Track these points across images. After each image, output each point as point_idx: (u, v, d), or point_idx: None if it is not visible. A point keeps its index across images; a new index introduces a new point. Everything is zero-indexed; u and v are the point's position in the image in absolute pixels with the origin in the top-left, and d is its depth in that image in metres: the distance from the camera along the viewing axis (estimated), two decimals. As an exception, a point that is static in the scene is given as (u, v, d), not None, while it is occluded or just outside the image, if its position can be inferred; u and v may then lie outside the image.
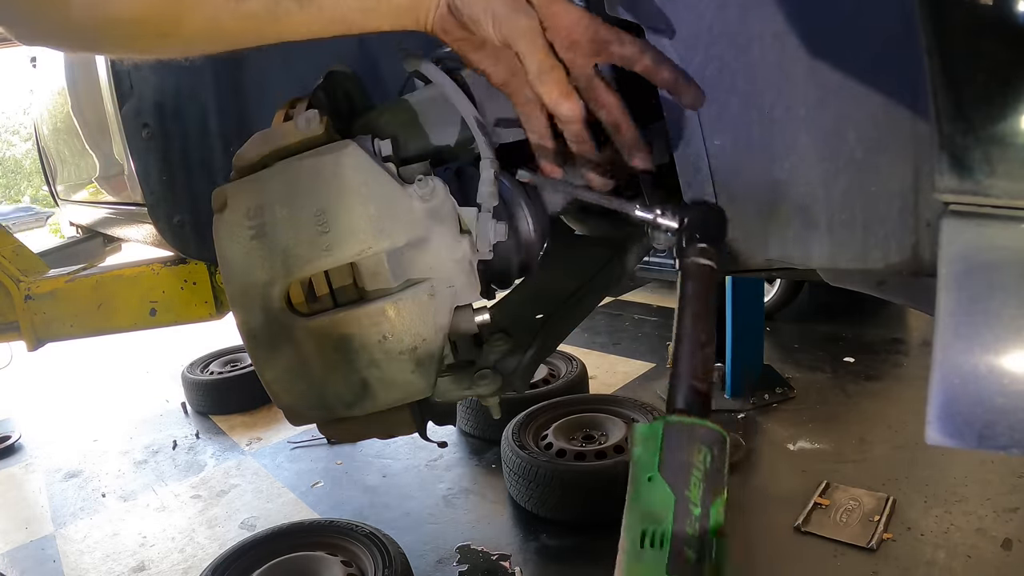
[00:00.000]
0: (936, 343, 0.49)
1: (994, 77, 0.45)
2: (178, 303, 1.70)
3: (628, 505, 0.57)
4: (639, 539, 0.54)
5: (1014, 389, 0.47)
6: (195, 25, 0.63)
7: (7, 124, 30.18)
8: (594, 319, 4.86)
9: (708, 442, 0.55)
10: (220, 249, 0.71)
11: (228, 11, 0.62)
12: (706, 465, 0.54)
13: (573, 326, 1.02)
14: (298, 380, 0.73)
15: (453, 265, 0.70)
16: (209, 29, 0.63)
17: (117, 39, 0.65)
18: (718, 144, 0.74)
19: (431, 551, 2.44)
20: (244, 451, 3.43)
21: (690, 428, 0.56)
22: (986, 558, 2.08)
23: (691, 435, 0.55)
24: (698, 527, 0.53)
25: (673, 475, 0.54)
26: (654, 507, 0.54)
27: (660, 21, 0.71)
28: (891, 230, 0.67)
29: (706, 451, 0.55)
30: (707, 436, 0.55)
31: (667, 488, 0.54)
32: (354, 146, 0.68)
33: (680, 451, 0.55)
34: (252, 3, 0.62)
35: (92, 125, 1.94)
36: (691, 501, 0.53)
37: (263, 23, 0.63)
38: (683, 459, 0.54)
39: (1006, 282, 0.47)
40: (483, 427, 3.22)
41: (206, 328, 1.97)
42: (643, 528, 0.54)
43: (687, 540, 0.52)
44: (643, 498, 0.55)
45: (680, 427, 0.56)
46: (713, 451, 0.55)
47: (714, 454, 0.55)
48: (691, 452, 0.55)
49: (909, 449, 2.70)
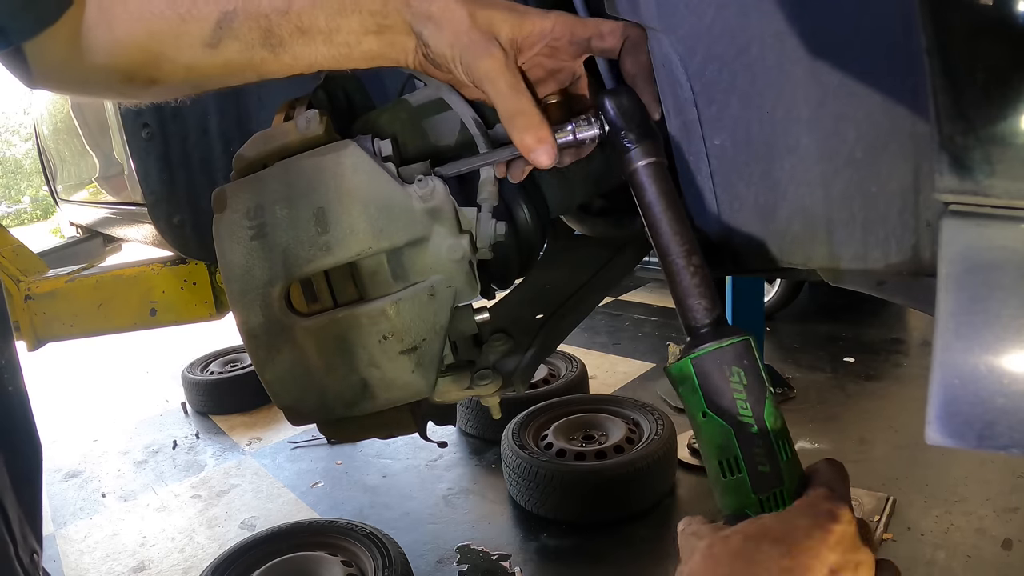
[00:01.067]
0: (936, 343, 0.49)
1: (994, 77, 0.45)
2: (178, 303, 1.70)
3: (698, 442, 0.61)
4: (719, 471, 0.58)
5: (1014, 389, 0.47)
6: (176, 74, 0.65)
7: (7, 124, 30.20)
8: (594, 319, 4.86)
9: (736, 359, 0.58)
10: (220, 249, 0.71)
11: (204, 60, 0.63)
12: (743, 382, 0.57)
13: (573, 326, 1.02)
14: (298, 380, 0.73)
15: (453, 265, 0.69)
16: (189, 76, 0.65)
17: (107, 86, 0.67)
18: (718, 144, 0.74)
19: (431, 551, 2.44)
20: (244, 451, 3.43)
21: (715, 355, 0.58)
22: (986, 558, 2.08)
23: (719, 362, 0.58)
24: (761, 443, 0.57)
25: (720, 406, 0.57)
26: (719, 440, 0.58)
27: (660, 21, 0.71)
28: (891, 230, 0.67)
29: (738, 370, 0.57)
30: (733, 355, 0.58)
31: (720, 420, 0.57)
32: (354, 146, 0.68)
33: (716, 381, 0.58)
34: (226, 52, 0.63)
35: (92, 125, 1.94)
36: (746, 423, 0.57)
37: (240, 68, 0.65)
38: (722, 388, 0.57)
39: (1006, 282, 0.47)
40: (483, 427, 3.23)
41: (206, 328, 1.97)
42: (718, 460, 0.58)
43: (758, 457, 0.57)
44: (706, 435, 0.59)
45: (706, 358, 0.58)
46: (744, 364, 0.57)
47: (746, 366, 0.57)
48: (726, 379, 0.57)
49: (909, 449, 2.70)
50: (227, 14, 0.62)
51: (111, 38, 0.62)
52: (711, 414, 0.58)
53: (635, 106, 0.66)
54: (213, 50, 0.63)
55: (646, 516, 2.41)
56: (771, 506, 0.57)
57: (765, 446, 0.57)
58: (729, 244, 0.79)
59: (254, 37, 0.63)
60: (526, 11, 0.63)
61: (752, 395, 0.57)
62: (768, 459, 0.57)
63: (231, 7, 0.61)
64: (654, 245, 0.65)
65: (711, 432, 0.58)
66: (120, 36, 0.62)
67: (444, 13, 0.61)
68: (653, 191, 0.63)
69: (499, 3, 0.63)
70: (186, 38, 0.62)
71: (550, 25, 0.64)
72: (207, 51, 0.63)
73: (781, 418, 0.58)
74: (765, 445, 0.57)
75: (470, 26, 0.61)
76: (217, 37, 0.62)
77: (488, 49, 0.61)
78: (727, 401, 0.57)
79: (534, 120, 0.62)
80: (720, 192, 0.77)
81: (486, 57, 0.61)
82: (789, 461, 0.58)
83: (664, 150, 0.66)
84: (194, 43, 0.62)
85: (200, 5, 0.61)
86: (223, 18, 0.61)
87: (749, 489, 0.57)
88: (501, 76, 0.62)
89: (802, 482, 0.59)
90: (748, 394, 0.57)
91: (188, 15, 0.61)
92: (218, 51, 0.63)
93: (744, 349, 0.58)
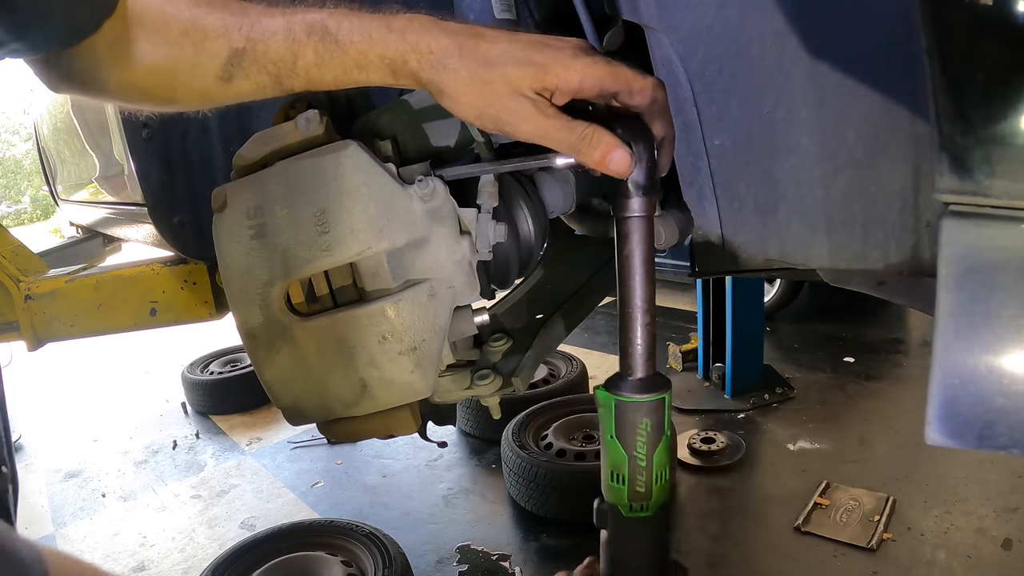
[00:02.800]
0: (936, 343, 0.49)
1: (994, 77, 0.45)
2: (178, 303, 1.70)
3: (602, 448, 0.77)
4: (610, 477, 0.76)
5: (1014, 389, 0.47)
6: (190, 98, 0.67)
7: (7, 124, 30.18)
8: (594, 319, 4.86)
9: (649, 413, 0.73)
10: (220, 249, 0.71)
11: (218, 91, 0.65)
12: (648, 430, 0.73)
13: (573, 326, 1.02)
14: (297, 380, 0.73)
15: (453, 266, 0.69)
16: (205, 102, 0.68)
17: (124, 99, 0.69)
18: (718, 144, 0.74)
19: (431, 551, 2.44)
20: (244, 451, 3.43)
21: (635, 406, 0.72)
22: (986, 558, 2.08)
23: (635, 412, 0.72)
24: (644, 472, 0.74)
25: (624, 439, 0.73)
26: (616, 459, 0.75)
27: (660, 21, 0.71)
28: (891, 230, 0.67)
29: (646, 421, 0.73)
30: (647, 410, 0.73)
31: (620, 448, 0.74)
32: (354, 146, 0.68)
33: (628, 423, 0.73)
34: (239, 87, 0.64)
35: (92, 125, 1.94)
36: (638, 457, 0.74)
37: (250, 97, 0.66)
38: (630, 430, 0.73)
39: (1006, 282, 0.47)
40: (483, 427, 3.22)
41: (206, 328, 1.97)
42: (611, 470, 0.76)
43: (638, 482, 0.74)
44: (608, 450, 0.75)
45: (628, 405, 0.73)
46: (653, 417, 0.73)
47: (654, 419, 0.73)
48: (635, 425, 0.73)
49: (909, 449, 2.69)
50: (237, 52, 0.63)
51: (130, 56, 0.63)
52: (615, 440, 0.74)
53: (649, 157, 0.66)
54: (226, 84, 0.64)
55: (646, 516, 2.40)
56: (635, 511, 0.75)
57: (646, 475, 0.74)
58: (729, 244, 0.79)
59: (265, 80, 0.64)
60: (544, 63, 0.60)
61: (651, 440, 0.73)
62: (645, 484, 0.74)
63: (240, 46, 0.62)
64: (618, 292, 0.71)
65: (612, 452, 0.74)
66: (139, 56, 0.63)
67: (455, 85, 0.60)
68: (636, 244, 0.68)
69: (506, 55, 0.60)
70: (200, 68, 0.63)
71: (577, 80, 0.60)
72: (220, 83, 0.64)
73: (667, 453, 0.75)
74: (646, 474, 0.74)
75: (489, 97, 0.60)
76: (229, 73, 0.63)
77: (520, 111, 0.60)
78: (630, 439, 0.73)
79: (594, 137, 0.61)
80: (720, 192, 0.77)
81: (523, 122, 0.60)
82: (661, 486, 0.75)
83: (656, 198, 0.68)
84: (207, 74, 0.64)
85: (211, 39, 0.62)
86: (233, 55, 0.63)
87: (625, 496, 0.75)
88: (548, 129, 0.61)
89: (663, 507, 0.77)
90: (648, 439, 0.73)
91: (201, 47, 0.62)
92: (231, 85, 0.64)
93: (658, 406, 0.73)
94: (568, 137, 0.61)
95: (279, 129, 0.71)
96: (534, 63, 0.60)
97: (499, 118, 0.61)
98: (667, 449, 0.75)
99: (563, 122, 0.61)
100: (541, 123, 0.61)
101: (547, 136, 0.61)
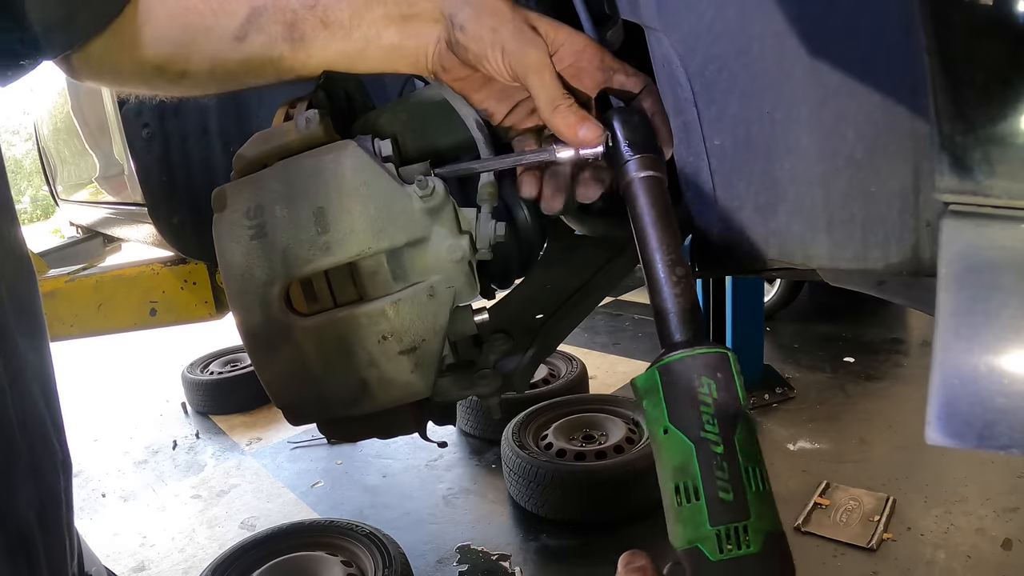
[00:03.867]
0: (936, 343, 0.49)
1: (994, 77, 0.45)
2: (178, 303, 1.70)
3: (657, 464, 0.52)
4: (675, 496, 0.50)
5: (1014, 389, 0.47)
6: (203, 67, 0.68)
7: (7, 124, 30.20)
8: (594, 319, 4.86)
9: (708, 370, 0.51)
10: (219, 249, 0.71)
11: (229, 53, 0.66)
12: (713, 396, 0.50)
13: (573, 326, 1.02)
14: (297, 380, 0.73)
15: (453, 265, 0.69)
16: (214, 70, 0.68)
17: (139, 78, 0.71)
18: (718, 144, 0.74)
19: (431, 551, 2.44)
20: (244, 451, 3.43)
21: (684, 363, 0.51)
22: (986, 558, 2.08)
23: (688, 371, 0.51)
24: (726, 465, 0.48)
25: (684, 420, 0.50)
26: (678, 460, 0.49)
27: (660, 21, 0.71)
28: (891, 230, 0.66)
29: (708, 381, 0.50)
30: (704, 364, 0.51)
31: (682, 436, 0.49)
32: (354, 146, 0.68)
33: (682, 393, 0.50)
34: (250, 46, 0.66)
35: (92, 125, 1.94)
36: (710, 441, 0.49)
37: (260, 64, 0.68)
38: (688, 399, 0.50)
39: (1006, 282, 0.47)
40: (483, 427, 3.23)
41: (206, 328, 1.97)
42: (675, 484, 0.50)
43: (720, 483, 0.48)
44: (665, 453, 0.51)
45: (674, 367, 0.51)
46: (716, 377, 0.50)
47: (719, 379, 0.50)
48: (693, 389, 0.50)
49: (909, 449, 2.70)
50: (256, 9, 0.64)
51: (149, 32, 0.65)
52: (673, 429, 0.50)
53: (644, 125, 0.65)
54: (239, 43, 0.65)
55: (646, 516, 2.41)
56: (730, 546, 0.47)
57: (731, 471, 0.48)
58: (729, 244, 0.79)
59: (277, 31, 0.65)
60: (558, 22, 0.64)
61: (722, 412, 0.49)
62: (732, 486, 0.48)
63: (261, 3, 0.64)
64: (640, 258, 0.60)
65: (671, 451, 0.50)
66: (157, 30, 0.65)
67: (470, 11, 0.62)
68: (645, 202, 0.61)
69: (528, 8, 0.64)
70: (216, 31, 0.65)
71: (582, 44, 0.64)
72: (233, 44, 0.66)
73: (757, 448, 0.50)
74: (731, 470, 0.48)
75: (512, 15, 0.61)
76: (244, 31, 0.65)
77: (534, 39, 0.62)
78: (692, 414, 0.50)
79: (576, 106, 0.63)
80: (720, 192, 0.77)
81: (533, 47, 0.61)
82: (760, 495, 0.48)
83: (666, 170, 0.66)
84: (223, 36, 0.65)
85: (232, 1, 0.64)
86: (252, 13, 0.64)
87: (706, 519, 0.47)
88: (547, 68, 0.62)
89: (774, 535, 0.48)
90: (717, 410, 0.49)
91: (220, 9, 0.64)
92: (243, 44, 0.66)
93: (719, 361, 0.51)
94: (557, 90, 0.62)
95: (279, 129, 0.71)
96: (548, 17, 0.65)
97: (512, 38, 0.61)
98: (753, 436, 0.50)
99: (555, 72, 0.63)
100: (544, 59, 0.62)
101: (540, 72, 0.62)
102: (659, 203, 0.61)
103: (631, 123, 0.65)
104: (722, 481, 0.48)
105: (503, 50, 0.61)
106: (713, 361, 0.51)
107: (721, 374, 0.51)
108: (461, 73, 0.67)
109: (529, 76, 0.62)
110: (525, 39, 0.61)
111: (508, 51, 0.61)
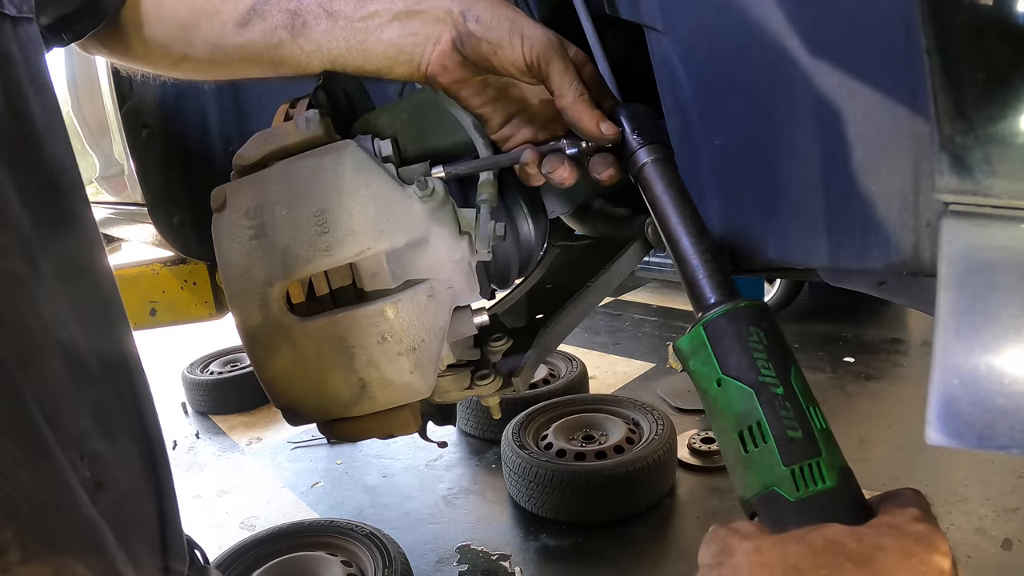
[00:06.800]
0: (936, 343, 0.49)
1: (994, 77, 0.45)
2: (178, 303, 1.70)
3: (713, 422, 0.53)
4: (740, 444, 0.50)
5: (1014, 389, 0.47)
6: (203, 50, 0.69)
7: (7, 124, 30.13)
8: (594, 319, 4.86)
9: (754, 319, 0.52)
10: (219, 249, 0.71)
11: (230, 39, 0.68)
12: (764, 343, 0.51)
13: (573, 326, 1.02)
14: (296, 380, 0.73)
15: (452, 266, 0.69)
16: (214, 54, 0.69)
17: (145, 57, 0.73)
18: (718, 144, 0.74)
19: (431, 551, 2.44)
20: (244, 451, 3.43)
21: (729, 316, 0.52)
22: (986, 558, 2.08)
23: (735, 322, 0.52)
24: (789, 405, 0.49)
25: (739, 368, 0.51)
26: (738, 408, 0.50)
27: (661, 21, 0.71)
28: (891, 230, 0.66)
29: (756, 330, 0.51)
30: (750, 315, 0.52)
31: (739, 384, 0.50)
32: (354, 146, 0.68)
33: (732, 343, 0.51)
34: (251, 32, 0.67)
35: (92, 125, 1.94)
36: (769, 384, 0.50)
37: (259, 50, 0.68)
38: (739, 348, 0.51)
39: (1006, 282, 0.47)
40: (483, 427, 3.23)
41: (206, 328, 1.97)
42: (738, 431, 0.50)
43: (787, 422, 0.49)
44: (722, 406, 0.51)
45: (719, 321, 0.53)
46: (763, 326, 0.52)
47: (765, 328, 0.52)
48: (744, 339, 0.51)
49: (909, 449, 2.70)
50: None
51: (158, 13, 0.68)
52: (727, 378, 0.50)
53: (649, 117, 0.66)
54: (241, 29, 0.67)
55: (646, 516, 2.40)
56: (807, 483, 0.47)
57: (794, 408, 0.49)
58: (729, 244, 0.79)
59: (280, 19, 0.66)
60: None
61: (775, 356, 0.50)
62: (799, 422, 0.48)
63: None
64: (664, 236, 0.61)
65: (728, 400, 0.50)
66: (166, 11, 0.68)
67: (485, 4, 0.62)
68: (661, 183, 0.62)
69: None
70: (222, 16, 0.67)
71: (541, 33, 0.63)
72: (235, 30, 0.67)
73: (809, 389, 0.51)
74: (794, 407, 0.49)
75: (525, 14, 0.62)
76: (248, 18, 0.66)
77: (547, 32, 0.62)
78: (746, 361, 0.50)
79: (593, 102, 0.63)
80: (720, 192, 0.77)
81: (552, 33, 0.62)
82: (825, 432, 0.49)
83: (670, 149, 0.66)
84: (227, 21, 0.67)
85: None
86: (258, 1, 0.66)
87: (778, 459, 0.48)
88: (566, 55, 0.62)
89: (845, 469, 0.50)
90: (770, 355, 0.50)
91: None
92: (245, 30, 0.67)
93: (762, 311, 0.53)
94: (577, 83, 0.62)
95: (279, 129, 0.71)
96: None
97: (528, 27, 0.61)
98: (805, 379, 0.51)
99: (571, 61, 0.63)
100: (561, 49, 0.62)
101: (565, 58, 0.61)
102: (676, 183, 0.62)
103: (637, 116, 0.65)
104: (788, 420, 0.48)
105: (523, 36, 0.60)
106: (756, 311, 0.53)
107: (767, 323, 0.52)
108: (460, 75, 0.66)
109: (552, 61, 0.61)
110: (541, 30, 0.61)
111: (528, 36, 0.60)
